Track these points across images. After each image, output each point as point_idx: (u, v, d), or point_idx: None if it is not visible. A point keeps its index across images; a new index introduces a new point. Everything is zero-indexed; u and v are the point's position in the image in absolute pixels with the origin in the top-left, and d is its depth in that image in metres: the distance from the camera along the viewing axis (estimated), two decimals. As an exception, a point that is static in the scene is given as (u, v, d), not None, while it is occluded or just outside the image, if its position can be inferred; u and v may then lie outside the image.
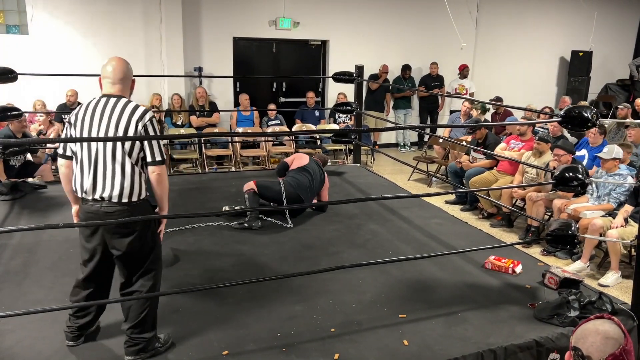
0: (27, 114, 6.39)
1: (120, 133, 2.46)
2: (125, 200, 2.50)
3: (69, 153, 2.58)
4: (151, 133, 2.49)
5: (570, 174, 3.04)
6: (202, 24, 8.74)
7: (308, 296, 3.25)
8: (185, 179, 6.07)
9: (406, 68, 9.95)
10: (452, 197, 7.01)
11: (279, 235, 4.30)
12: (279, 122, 8.80)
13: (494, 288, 3.46)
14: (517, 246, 4.32)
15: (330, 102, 9.83)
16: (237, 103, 9.03)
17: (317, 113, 9.23)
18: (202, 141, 7.93)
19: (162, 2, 8.24)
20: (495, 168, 6.25)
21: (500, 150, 6.25)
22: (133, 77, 2.66)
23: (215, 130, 8.18)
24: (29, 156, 5.64)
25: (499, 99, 8.87)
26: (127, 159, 2.48)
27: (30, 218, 4.53)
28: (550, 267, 3.57)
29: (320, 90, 10.04)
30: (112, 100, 2.53)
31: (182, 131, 7.92)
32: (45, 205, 4.87)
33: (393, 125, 9.62)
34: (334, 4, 9.49)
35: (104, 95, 2.57)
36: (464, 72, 10.11)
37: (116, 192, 2.48)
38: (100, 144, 2.45)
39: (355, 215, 4.82)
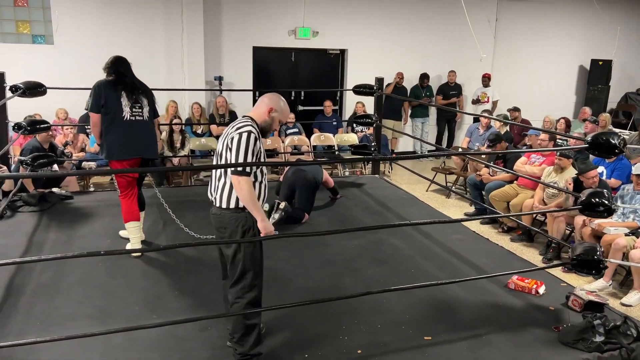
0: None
1: (221, 145, 2.75)
2: (224, 205, 2.72)
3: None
4: (234, 145, 2.65)
5: (597, 199, 3.05)
6: (223, 33, 8.84)
7: (333, 315, 3.30)
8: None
9: (424, 77, 9.96)
10: (472, 209, 7.01)
11: (301, 250, 4.34)
12: (297, 130, 8.87)
13: (518, 309, 3.47)
14: (538, 263, 4.33)
15: (348, 110, 9.88)
16: (256, 111, 9.10)
17: (335, 122, 9.27)
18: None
19: (184, 12, 8.36)
20: (515, 182, 6.24)
21: (520, 164, 6.24)
22: (273, 107, 2.86)
23: (235, 139, 8.25)
24: (55, 167, 5.74)
25: (516, 109, 8.85)
26: (222, 170, 2.73)
27: (59, 229, 4.63)
28: (574, 289, 3.58)
29: (338, 98, 10.09)
30: (238, 118, 2.89)
31: (203, 140, 8.01)
32: (73, 216, 4.98)
33: (411, 135, 9.65)
34: (353, 14, 9.55)
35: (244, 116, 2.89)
36: (487, 80, 10.08)
37: (217, 197, 2.75)
38: (217, 155, 2.81)
39: (378, 230, 4.84)
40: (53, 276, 3.70)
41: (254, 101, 9.17)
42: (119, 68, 4.05)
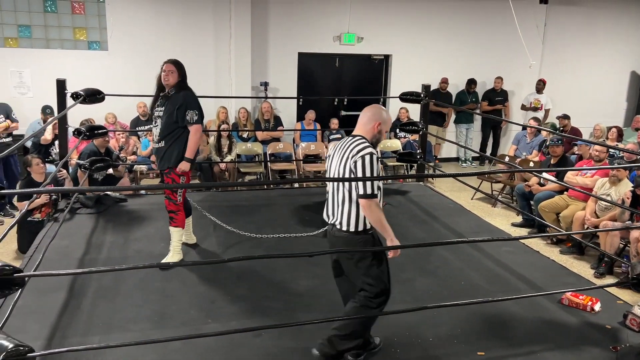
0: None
1: (342, 168, 2.74)
2: (351, 229, 2.76)
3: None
4: (359, 169, 2.67)
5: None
6: (269, 40, 8.97)
7: (385, 327, 3.30)
8: (255, 194, 6.25)
9: (471, 82, 9.85)
10: (519, 219, 6.89)
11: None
12: (340, 136, 8.90)
13: (573, 326, 3.41)
14: (589, 277, 4.24)
15: (392, 116, 9.83)
16: (300, 116, 9.21)
17: (378, 127, 9.26)
18: (267, 156, 8.14)
19: (232, 19, 8.53)
20: (566, 192, 6.11)
21: (571, 175, 6.10)
22: (379, 121, 2.82)
23: (280, 144, 8.37)
24: (110, 170, 5.96)
25: (566, 116, 8.64)
26: (346, 192, 2.74)
27: (115, 232, 4.81)
28: (632, 308, 3.49)
29: (381, 104, 10.06)
30: (349, 138, 2.83)
31: (249, 145, 8.15)
32: (127, 219, 5.16)
33: (453, 140, 9.55)
34: (398, 19, 9.53)
35: (349, 135, 2.89)
36: (542, 85, 9.88)
37: (343, 222, 2.77)
38: (334, 177, 2.84)
39: (423, 239, 4.83)
40: (113, 279, 3.84)
41: (298, 106, 9.36)
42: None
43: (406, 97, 6.40)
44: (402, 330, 3.28)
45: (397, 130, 9.15)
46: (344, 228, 2.78)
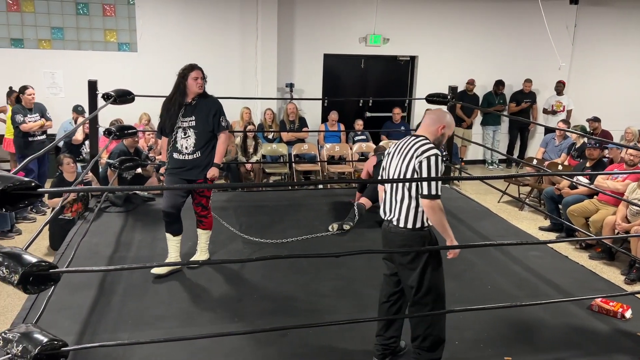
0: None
1: (405, 167, 2.76)
2: (409, 226, 2.78)
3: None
4: (424, 169, 2.70)
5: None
6: (295, 41, 9.01)
7: (410, 329, 3.29)
8: (280, 195, 6.29)
9: (499, 83, 9.74)
10: (547, 223, 6.78)
11: (375, 260, 4.35)
12: (365, 137, 8.90)
13: (602, 334, 3.35)
14: (619, 283, 4.15)
15: (417, 118, 9.79)
16: (324, 118, 9.23)
17: (402, 129, 9.23)
18: (292, 157, 8.18)
19: (259, 21, 8.60)
20: (596, 196, 5.99)
21: (601, 179, 5.98)
22: (443, 124, 2.85)
23: (305, 146, 8.41)
24: (138, 169, 6.07)
25: (596, 119, 8.47)
26: (406, 190, 2.77)
27: (143, 231, 4.90)
28: (665, 315, 3.41)
29: (406, 105, 10.03)
30: (412, 138, 2.85)
31: (274, 145, 8.20)
32: (155, 218, 5.21)
33: (481, 144, 9.45)
34: (424, 20, 9.48)
35: (411, 135, 2.93)
36: (561, 87, 9.71)
37: (401, 218, 2.79)
38: (395, 175, 2.85)
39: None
40: (141, 277, 3.91)
41: (323, 107, 9.38)
42: None
43: (432, 98, 6.35)
44: (428, 334, 3.25)
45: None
46: (401, 225, 2.80)
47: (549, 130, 8.80)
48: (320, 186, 7.88)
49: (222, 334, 2.80)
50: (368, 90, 9.80)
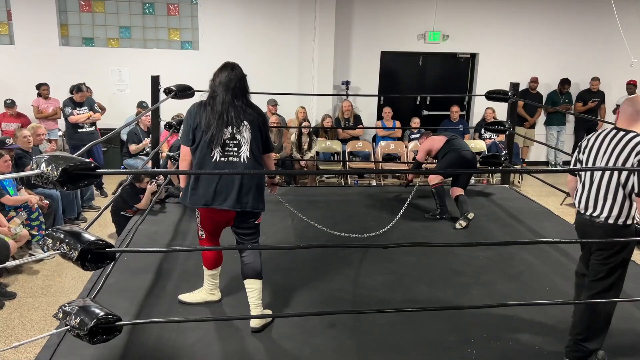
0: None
1: (620, 164, 2.71)
2: (610, 221, 2.77)
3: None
4: None
5: None
6: (352, 39, 9.01)
7: (461, 326, 3.22)
8: (332, 190, 6.30)
9: (565, 82, 9.34)
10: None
11: (427, 257, 4.28)
12: (419, 135, 8.75)
13: (671, 342, 3.13)
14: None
15: (476, 116, 9.55)
16: (380, 115, 9.16)
17: (461, 127, 9.02)
18: (347, 154, 8.18)
19: (316, 18, 8.66)
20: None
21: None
22: None
23: (359, 143, 8.38)
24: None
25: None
26: (620, 188, 2.73)
27: (199, 221, 5.01)
28: None
29: (465, 104, 9.80)
30: (621, 133, 2.79)
31: (329, 143, 8.22)
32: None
33: (544, 143, 9.09)
34: (485, 17, 9.23)
35: (614, 128, 2.87)
36: (632, 87, 9.19)
37: (605, 211, 2.78)
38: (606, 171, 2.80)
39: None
40: (195, 264, 4.00)
41: (379, 105, 9.32)
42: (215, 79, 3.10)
43: (492, 95, 6.16)
44: (479, 332, 3.16)
45: (482, 131, 8.86)
46: (610, 220, 2.77)
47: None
48: (374, 183, 7.84)
49: (267, 315, 2.83)
50: (426, 89, 9.66)
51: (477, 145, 8.64)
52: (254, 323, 3.10)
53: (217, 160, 2.95)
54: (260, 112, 3.12)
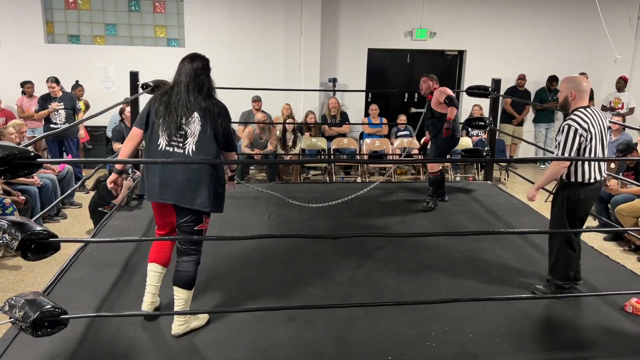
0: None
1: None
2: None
3: None
4: None
5: None
6: (339, 36, 8.99)
7: (423, 320, 3.20)
8: (314, 187, 6.28)
9: (553, 79, 9.32)
10: (595, 223, 6.41)
11: (400, 252, 4.26)
12: (408, 133, 8.74)
13: (634, 336, 3.11)
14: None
15: (464, 113, 9.52)
16: (368, 112, 9.14)
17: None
18: (332, 151, 8.15)
19: (302, 16, 8.64)
20: (648, 196, 5.61)
21: (655, 176, 5.59)
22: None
23: (345, 140, 8.36)
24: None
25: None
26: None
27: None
28: None
29: (454, 101, 9.76)
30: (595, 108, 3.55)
31: (314, 140, 8.21)
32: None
33: (530, 141, 9.06)
34: (473, 14, 9.20)
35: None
36: (622, 83, 9.16)
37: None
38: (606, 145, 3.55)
39: (482, 238, 4.61)
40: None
41: (366, 102, 9.29)
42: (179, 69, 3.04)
43: (473, 91, 6.15)
44: (440, 325, 3.14)
45: (469, 129, 8.84)
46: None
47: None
48: (359, 180, 7.82)
49: (227, 310, 2.82)
50: (414, 86, 9.58)
51: (464, 142, 8.60)
52: (175, 329, 2.96)
53: (163, 149, 2.88)
54: (220, 107, 2.98)
